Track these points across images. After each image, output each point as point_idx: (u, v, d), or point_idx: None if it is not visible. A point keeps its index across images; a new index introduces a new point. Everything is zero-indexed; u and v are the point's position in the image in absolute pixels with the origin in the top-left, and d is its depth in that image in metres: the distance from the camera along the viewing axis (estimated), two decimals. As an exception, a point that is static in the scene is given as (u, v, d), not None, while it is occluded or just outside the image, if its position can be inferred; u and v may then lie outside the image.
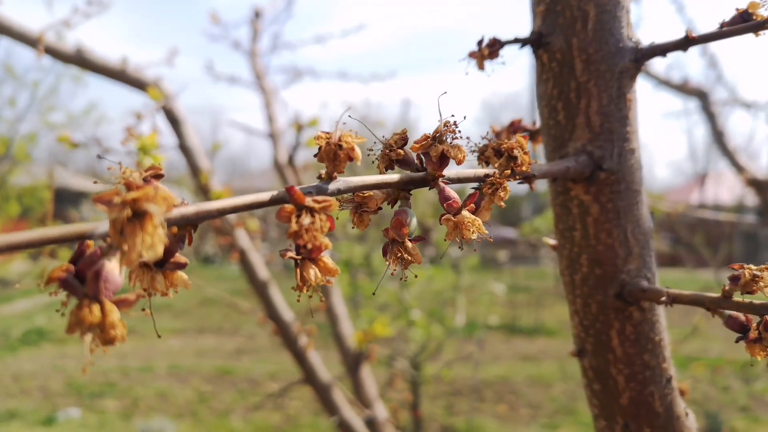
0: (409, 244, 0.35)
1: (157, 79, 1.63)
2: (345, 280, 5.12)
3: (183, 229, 0.30)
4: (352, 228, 0.36)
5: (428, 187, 0.38)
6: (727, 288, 0.36)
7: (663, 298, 0.37)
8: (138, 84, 1.58)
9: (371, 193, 0.36)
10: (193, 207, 0.28)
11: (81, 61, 1.99)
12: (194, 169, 1.15)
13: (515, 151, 0.38)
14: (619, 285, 0.38)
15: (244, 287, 12.80)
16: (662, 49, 0.51)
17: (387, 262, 0.36)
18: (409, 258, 0.36)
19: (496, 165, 0.38)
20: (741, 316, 0.42)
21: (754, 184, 1.70)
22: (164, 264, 0.30)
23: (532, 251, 16.21)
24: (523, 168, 0.37)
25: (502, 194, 0.36)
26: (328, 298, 1.49)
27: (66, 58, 2.06)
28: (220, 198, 1.18)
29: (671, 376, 0.38)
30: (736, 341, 0.42)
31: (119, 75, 1.63)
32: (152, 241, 0.24)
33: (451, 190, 0.37)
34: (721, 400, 6.33)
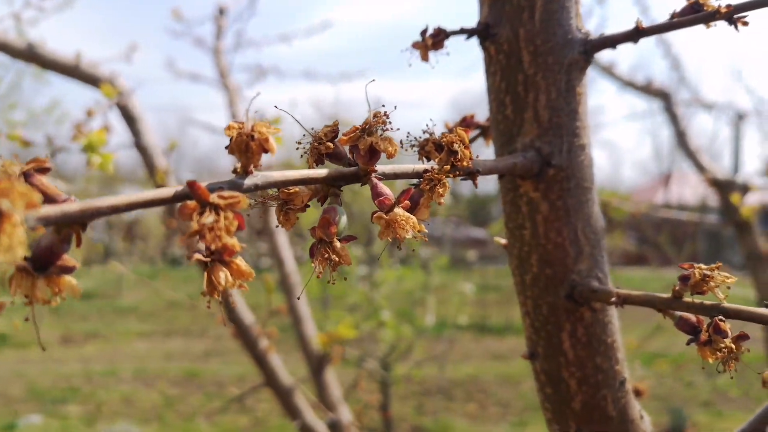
0: (338, 245, 0.33)
1: (113, 75, 1.57)
2: (313, 280, 5.07)
3: (68, 228, 0.26)
4: (277, 226, 0.33)
5: (360, 183, 0.35)
6: (677, 288, 0.34)
7: (613, 299, 0.35)
8: (92, 80, 1.52)
9: (297, 189, 0.33)
10: (77, 204, 0.25)
11: (32, 56, 1.91)
12: (151, 167, 1.11)
13: (455, 145, 0.35)
14: (570, 285, 0.36)
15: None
16: (612, 41, 0.49)
17: (313, 264, 0.33)
18: (338, 259, 0.33)
19: (436, 160, 0.36)
20: (692, 317, 0.40)
21: (716, 184, 1.72)
22: (47, 268, 0.27)
23: (502, 251, 16.30)
24: (464, 163, 0.35)
25: (441, 191, 0.34)
26: (290, 299, 1.46)
27: (17, 53, 1.98)
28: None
29: (625, 378, 0.36)
30: (687, 344, 0.41)
31: (72, 71, 1.57)
32: (9, 243, 0.20)
33: (384, 187, 0.34)
34: (684, 396, 6.46)
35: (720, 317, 0.36)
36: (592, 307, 0.36)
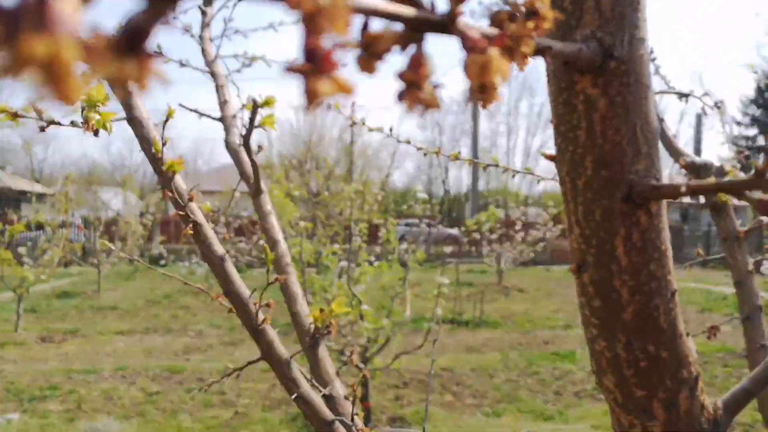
0: (429, 88, 0.29)
1: None
2: (295, 275, 5.02)
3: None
4: (361, 72, 0.30)
5: (447, 33, 0.31)
6: (760, 167, 0.32)
7: (683, 189, 0.33)
8: None
9: (380, 32, 0.30)
10: None
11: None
12: (145, 140, 1.06)
13: (537, 4, 0.32)
14: (627, 186, 0.33)
15: (191, 287, 12.39)
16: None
17: (404, 104, 0.30)
18: (428, 101, 0.29)
19: (517, 22, 0.32)
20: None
21: (693, 168, 1.72)
22: (136, 45, 0.21)
23: (476, 248, 16.45)
24: (546, 25, 0.32)
25: (526, 49, 0.31)
26: (285, 279, 1.42)
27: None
28: (174, 167, 1.08)
29: (675, 290, 0.34)
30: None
31: None
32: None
33: (476, 30, 0.31)
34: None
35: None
36: (648, 210, 0.34)
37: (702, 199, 1.83)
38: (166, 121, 1.04)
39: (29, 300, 10.19)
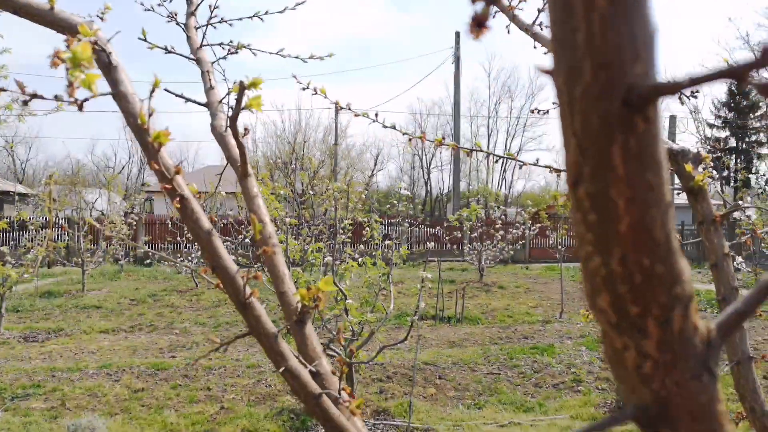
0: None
1: (89, 22, 1.47)
2: (282, 255, 4.98)
3: None
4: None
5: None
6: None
7: (685, 82, 0.32)
8: (68, 26, 1.40)
9: None
10: None
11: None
12: (131, 115, 1.03)
13: None
14: (627, 89, 0.32)
15: (177, 286, 12.27)
16: None
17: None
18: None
19: None
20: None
21: (669, 154, 1.74)
22: None
23: (458, 247, 16.52)
24: None
25: None
26: (270, 259, 1.40)
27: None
28: (160, 139, 1.05)
29: (671, 202, 0.33)
30: None
31: (46, 15, 1.45)
32: None
33: None
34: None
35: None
36: (646, 116, 0.33)
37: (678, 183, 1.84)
38: (153, 91, 1.02)
39: (12, 300, 9.99)
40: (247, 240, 8.58)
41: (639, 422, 0.35)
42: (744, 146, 24.85)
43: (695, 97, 2.07)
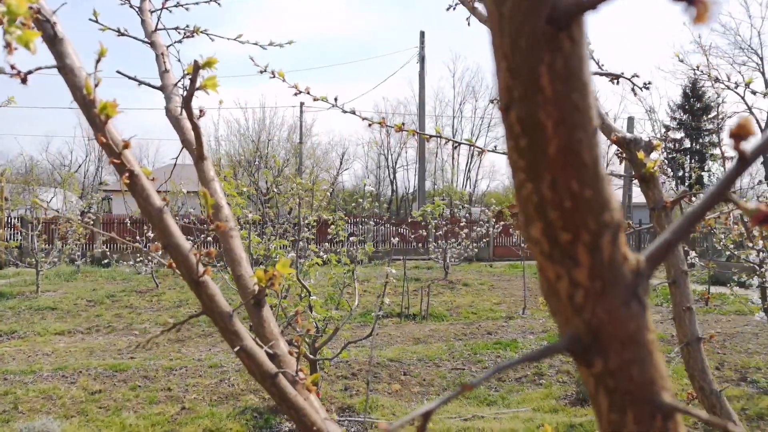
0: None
1: None
2: (239, 239, 4.90)
3: None
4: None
5: None
6: None
7: None
8: None
9: None
10: None
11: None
12: (77, 89, 1.00)
13: None
14: (552, 7, 0.33)
15: (136, 286, 11.97)
16: None
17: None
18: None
19: None
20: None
21: (623, 142, 1.78)
22: None
23: (423, 245, 16.61)
24: None
25: None
26: (226, 243, 1.38)
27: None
28: (107, 111, 1.02)
29: (597, 127, 0.34)
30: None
31: None
32: None
33: None
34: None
35: None
36: (571, 35, 0.34)
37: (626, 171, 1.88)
38: (98, 61, 0.99)
39: (-39, 302, 9.59)
40: (209, 239, 8.45)
41: (573, 352, 0.35)
42: (698, 147, 25.73)
43: (647, 88, 2.13)
